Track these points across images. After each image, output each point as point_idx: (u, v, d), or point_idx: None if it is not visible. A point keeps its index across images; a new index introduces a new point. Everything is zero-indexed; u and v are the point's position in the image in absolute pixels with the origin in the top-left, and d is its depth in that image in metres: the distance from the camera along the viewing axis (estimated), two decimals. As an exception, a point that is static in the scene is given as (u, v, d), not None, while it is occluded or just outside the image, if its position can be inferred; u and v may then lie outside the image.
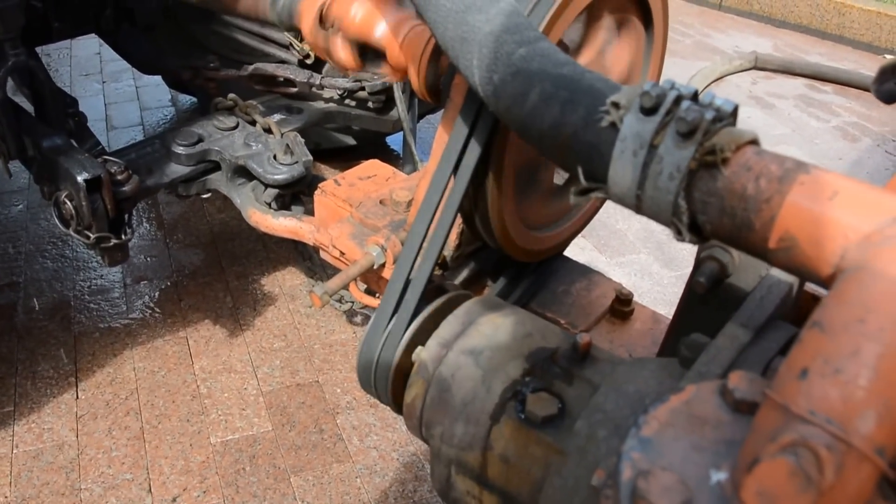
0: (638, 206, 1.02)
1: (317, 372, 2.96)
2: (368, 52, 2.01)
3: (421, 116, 3.69)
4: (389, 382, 1.51)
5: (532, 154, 1.72)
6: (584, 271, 2.08)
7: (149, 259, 3.52)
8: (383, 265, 1.88)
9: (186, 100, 4.90)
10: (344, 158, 4.08)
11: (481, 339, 1.41)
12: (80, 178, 2.13)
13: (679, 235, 1.00)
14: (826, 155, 4.96)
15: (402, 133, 3.55)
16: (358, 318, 3.20)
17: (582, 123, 1.08)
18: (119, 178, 2.24)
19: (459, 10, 1.27)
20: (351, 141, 4.08)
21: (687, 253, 3.88)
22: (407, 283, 1.53)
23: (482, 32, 1.23)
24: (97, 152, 2.40)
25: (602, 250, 3.84)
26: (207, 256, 3.55)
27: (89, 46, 5.59)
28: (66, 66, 5.43)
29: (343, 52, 1.99)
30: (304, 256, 3.04)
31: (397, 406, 1.51)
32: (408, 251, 1.55)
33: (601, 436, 1.16)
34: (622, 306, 1.97)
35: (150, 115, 4.80)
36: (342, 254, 2.04)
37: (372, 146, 4.24)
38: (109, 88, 5.15)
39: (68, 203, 2.20)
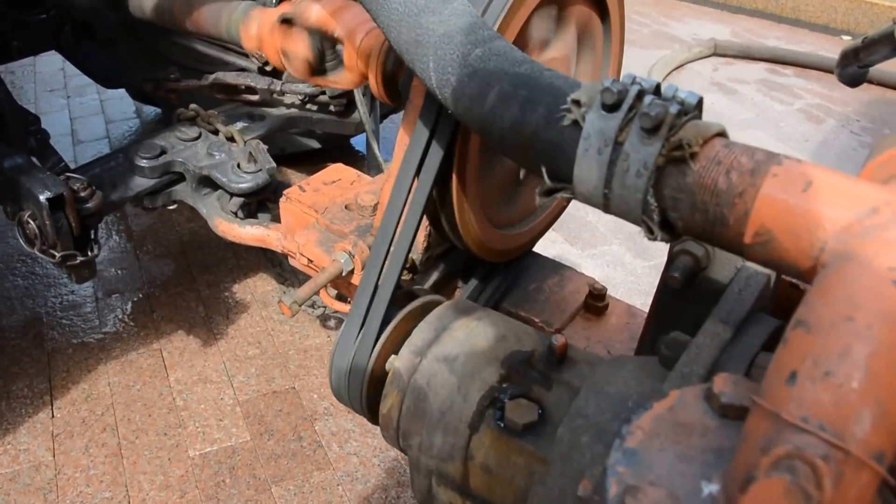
0: (606, 206, 1.01)
1: (292, 378, 2.94)
2: (328, 56, 1.99)
3: (384, 116, 3.68)
4: (363, 393, 1.49)
5: (495, 152, 1.72)
6: (556, 267, 2.07)
7: (119, 272, 3.49)
8: (352, 272, 1.87)
9: (151, 111, 4.86)
10: (310, 162, 4.07)
11: (455, 344, 1.40)
12: (42, 198, 2.10)
13: (650, 234, 0.99)
14: (792, 137, 4.99)
15: (365, 134, 3.54)
16: (332, 323, 3.18)
17: (543, 122, 1.07)
18: (82, 194, 2.21)
19: (412, 13, 1.25)
20: (316, 144, 4.07)
21: (660, 243, 3.88)
22: (375, 289, 1.52)
23: (436, 34, 1.22)
24: (60, 169, 2.37)
25: (573, 242, 3.84)
26: (178, 266, 3.52)
27: (53, 62, 5.53)
28: (31, 82, 5.37)
29: (300, 49, 1.97)
30: (273, 263, 3.03)
31: (373, 416, 1.50)
32: (375, 256, 1.54)
33: (584, 442, 1.14)
34: (596, 301, 1.97)
35: (116, 128, 4.76)
36: (310, 261, 2.02)
37: (337, 148, 4.23)
38: (74, 103, 5.10)
39: (32, 223, 2.17)
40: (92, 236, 2.30)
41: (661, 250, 3.81)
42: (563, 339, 1.30)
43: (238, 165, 2.53)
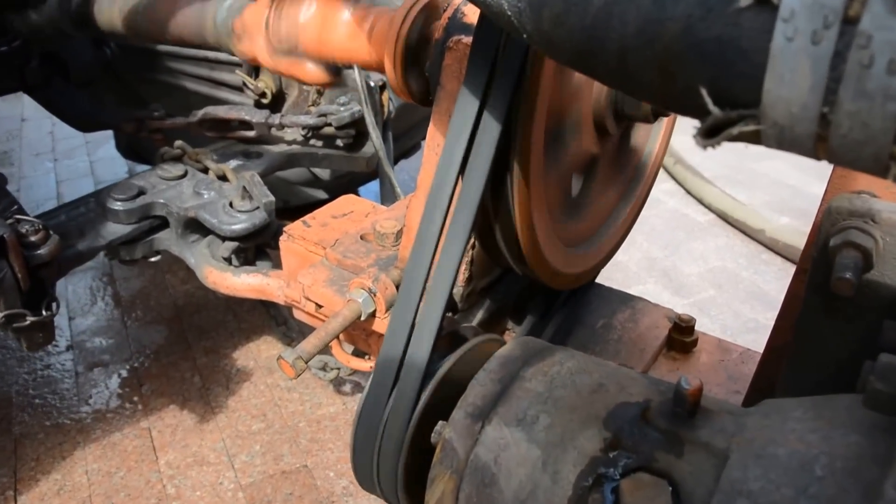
0: (822, 140, 0.59)
1: (304, 455, 2.50)
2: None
3: (396, 160, 3.29)
4: (399, 476, 1.07)
5: (565, 135, 1.32)
6: (625, 298, 1.67)
7: (104, 342, 3.07)
8: (373, 314, 1.45)
9: (144, 170, 4.49)
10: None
11: (532, 401, 0.98)
12: (-24, 242, 1.70)
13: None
14: (808, 166, 4.61)
15: (377, 179, 3.16)
16: (347, 387, 2.76)
17: (698, 13, 0.64)
18: (32, 239, 1.80)
19: None
20: (323, 194, 3.67)
21: (696, 278, 3.48)
22: (411, 331, 1.10)
23: None
24: (10, 213, 1.97)
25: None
26: (171, 333, 3.11)
27: (41, 126, 5.24)
28: (17, 146, 5.04)
29: (309, 73, 1.61)
30: (277, 321, 2.62)
31: (415, 509, 1.08)
32: (407, 291, 1.13)
33: (753, 535, 0.73)
34: (683, 336, 1.57)
35: (105, 189, 4.40)
36: (318, 307, 1.61)
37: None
38: (62, 166, 4.78)
39: (-32, 274, 1.76)
40: (49, 293, 1.89)
41: (699, 286, 3.41)
42: (697, 383, 0.88)
43: (230, 204, 2.14)
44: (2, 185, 2.21)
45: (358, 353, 1.73)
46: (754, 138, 0.64)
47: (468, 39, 1.23)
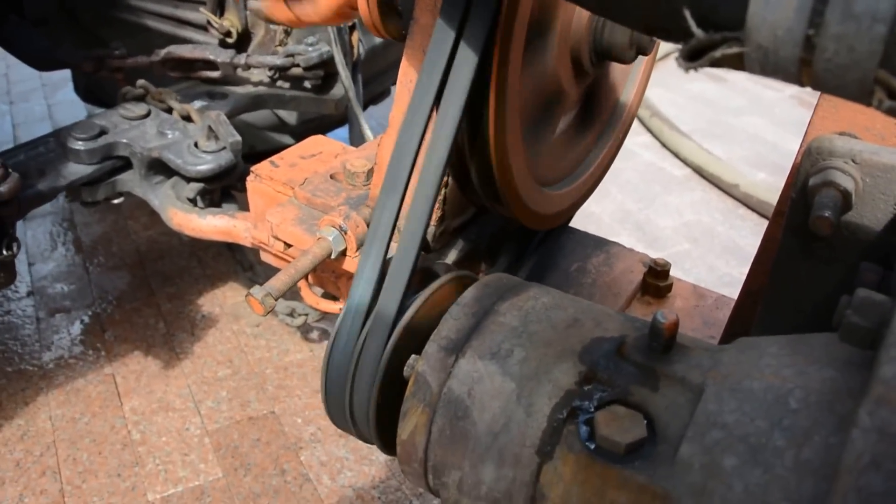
0: (806, 64, 0.56)
1: (271, 401, 2.48)
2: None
3: (365, 106, 3.23)
4: (371, 411, 1.05)
5: (542, 77, 1.29)
6: (599, 243, 1.65)
7: (66, 287, 3.01)
8: (344, 252, 1.41)
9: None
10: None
11: (507, 334, 0.96)
12: (-64, 179, 1.64)
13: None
14: (787, 122, 4.62)
15: (346, 126, 3.11)
16: (315, 334, 2.73)
17: None
18: (-9, 177, 1.75)
19: None
20: (290, 140, 3.60)
21: (671, 231, 3.48)
22: (384, 268, 1.08)
23: None
24: (-34, 153, 1.91)
25: (581, 235, 3.42)
26: (134, 279, 3.05)
27: (-7, 69, 5.10)
28: (-32, 87, 4.91)
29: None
30: (244, 266, 2.58)
31: (387, 444, 1.06)
32: (379, 225, 1.10)
33: (730, 466, 0.72)
34: (658, 280, 1.55)
35: (63, 132, 4.30)
36: (287, 246, 1.57)
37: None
38: (18, 109, 4.65)
39: (-77, 216, 1.71)
40: (9, 232, 1.84)
41: (673, 240, 3.41)
42: (673, 316, 0.87)
43: (195, 144, 2.09)
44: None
45: (328, 297, 1.70)
46: (737, 62, 0.62)
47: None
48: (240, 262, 2.59)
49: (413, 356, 1.00)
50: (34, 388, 2.54)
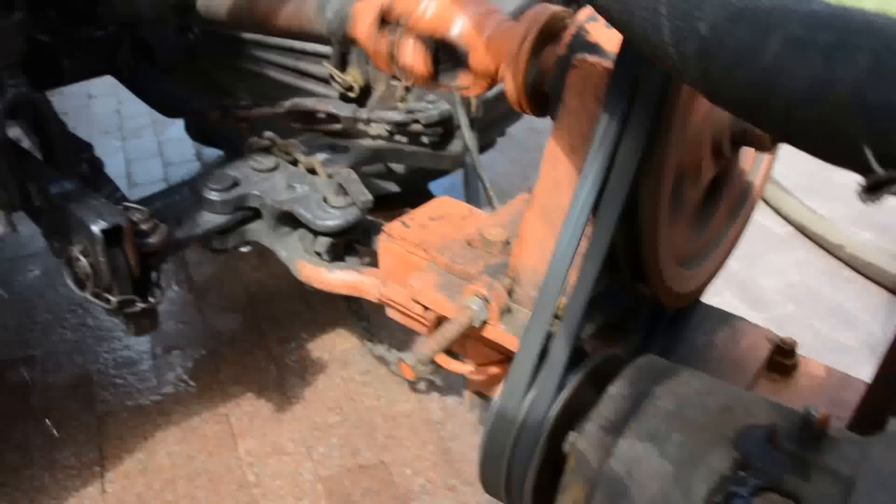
0: None
1: (381, 450, 2.53)
2: (442, 57, 1.61)
3: (481, 149, 3.29)
4: (530, 482, 1.09)
5: (687, 160, 1.32)
6: (725, 317, 1.67)
7: (180, 325, 3.12)
8: (485, 321, 1.46)
9: (212, 153, 4.53)
10: (386, 207, 3.68)
11: (663, 418, 1.00)
12: (95, 228, 1.73)
13: None
14: None
15: (448, 174, 3.17)
16: (422, 385, 2.77)
17: (867, 77, 0.66)
18: (143, 227, 1.84)
19: None
20: (394, 187, 3.68)
21: (774, 292, 3.45)
22: (546, 344, 1.12)
23: None
24: (116, 199, 2.00)
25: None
26: (245, 320, 3.14)
27: (108, 104, 5.28)
28: (85, 123, 5.09)
29: (412, 55, 1.60)
30: (359, 316, 2.63)
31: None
32: (542, 307, 1.14)
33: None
34: (785, 358, 1.56)
35: (175, 170, 4.46)
36: (426, 309, 1.62)
37: (416, 192, 3.86)
38: (130, 145, 4.81)
39: (83, 260, 1.80)
40: (154, 280, 1.93)
41: (776, 301, 3.38)
42: (825, 412, 0.90)
43: (325, 199, 2.15)
44: (100, 167, 2.25)
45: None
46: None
47: (593, 59, 1.23)
48: (355, 313, 2.66)
49: (572, 433, 1.04)
50: (153, 424, 2.63)
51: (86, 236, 1.76)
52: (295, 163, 2.37)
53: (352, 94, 2.76)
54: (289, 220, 2.22)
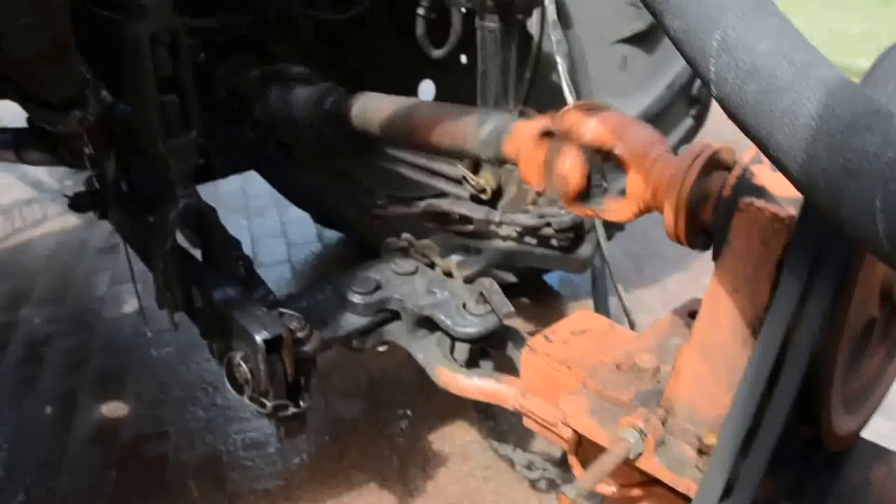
0: None
1: (504, 550, 2.56)
2: (595, 180, 1.68)
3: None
4: None
5: (860, 307, 1.36)
6: (881, 453, 1.66)
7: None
8: (640, 454, 1.50)
9: (333, 235, 4.68)
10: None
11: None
12: (258, 338, 1.84)
13: None
14: None
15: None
16: (542, 484, 2.80)
17: None
18: (300, 335, 1.94)
19: (835, 130, 0.90)
20: (512, 278, 3.75)
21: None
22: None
23: (883, 159, 0.86)
24: (270, 302, 2.11)
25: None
26: (368, 407, 3.23)
27: (233, 182, 5.48)
28: (212, 201, 5.29)
29: (571, 165, 1.66)
30: (487, 416, 2.68)
31: None
32: (724, 448, 1.19)
33: None
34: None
35: (297, 251, 4.61)
36: (577, 434, 1.67)
37: (531, 283, 3.93)
38: (255, 224, 5.00)
39: (243, 365, 1.90)
40: (304, 384, 2.02)
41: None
42: None
43: (464, 305, 2.23)
44: (251, 267, 2.36)
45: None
46: None
47: (760, 203, 1.28)
48: (483, 412, 2.71)
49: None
50: (281, 509, 2.72)
51: (247, 344, 1.87)
52: (432, 265, 2.45)
53: (483, 197, 2.85)
54: (427, 323, 2.29)
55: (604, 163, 1.65)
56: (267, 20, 2.62)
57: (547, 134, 1.70)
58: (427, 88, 3.99)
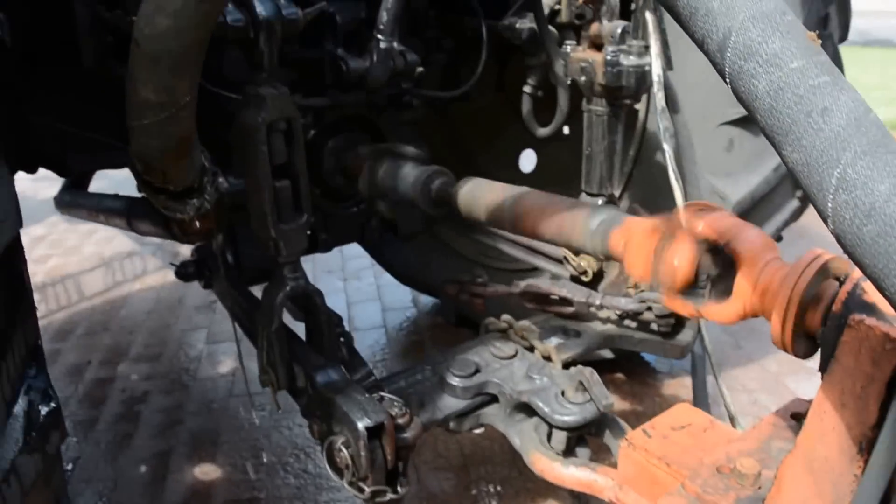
0: None
1: None
2: (701, 282, 1.67)
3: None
4: None
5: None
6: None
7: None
8: (742, 565, 1.47)
9: (428, 301, 4.71)
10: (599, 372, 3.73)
11: None
12: (360, 426, 1.86)
13: None
14: None
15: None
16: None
17: None
18: (400, 422, 1.96)
19: None
20: (608, 354, 3.72)
21: None
22: None
23: None
24: (371, 384, 2.14)
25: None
26: (459, 482, 3.22)
27: (331, 243, 5.59)
28: (309, 262, 5.40)
29: (680, 256, 1.64)
30: (581, 500, 2.65)
31: None
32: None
33: None
34: None
35: (392, 316, 4.65)
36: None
37: (627, 359, 3.89)
38: (351, 286, 5.08)
39: (344, 451, 1.92)
40: (401, 470, 2.03)
41: None
42: None
43: (563, 393, 2.22)
44: (352, 345, 2.40)
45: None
46: None
47: (871, 321, 1.26)
48: (576, 496, 2.68)
49: None
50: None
51: (349, 430, 1.89)
52: (531, 348, 2.45)
53: (584, 279, 2.85)
54: (524, 408, 2.29)
55: (712, 261, 1.64)
56: (377, 99, 2.67)
57: (658, 228, 1.70)
58: (528, 156, 4.04)
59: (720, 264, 1.64)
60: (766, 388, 3.77)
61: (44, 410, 1.56)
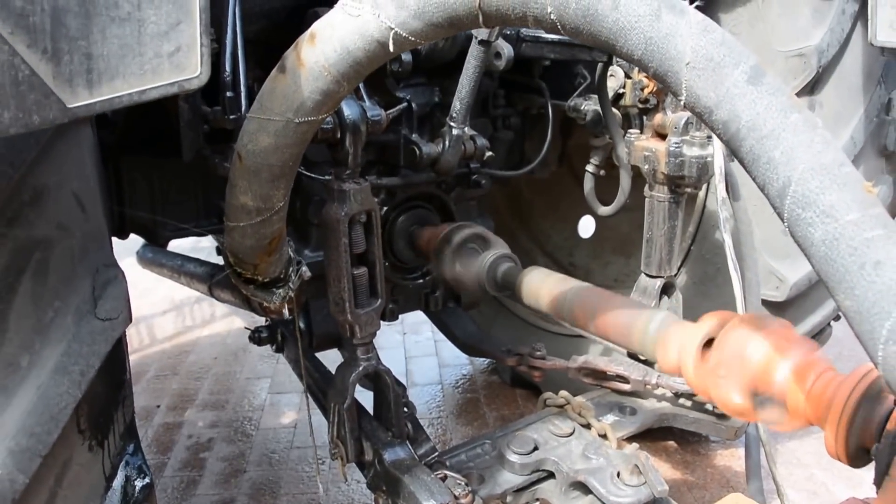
0: None
1: None
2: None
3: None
4: None
5: None
6: None
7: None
8: None
9: (483, 361, 4.80)
10: (647, 437, 3.78)
11: None
12: (425, 505, 1.97)
13: None
14: None
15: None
16: None
17: None
18: (463, 502, 2.06)
19: None
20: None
21: None
22: None
23: None
24: (433, 461, 2.24)
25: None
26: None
27: (389, 295, 5.71)
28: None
29: (727, 394, 1.72)
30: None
31: None
32: None
33: None
34: None
35: (449, 373, 4.75)
36: None
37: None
38: (410, 341, 5.18)
39: (410, 528, 2.03)
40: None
41: None
42: None
43: (618, 474, 2.30)
44: (416, 419, 2.50)
45: None
46: None
47: (924, 444, 1.33)
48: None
49: None
50: None
51: (414, 508, 2.00)
52: (588, 425, 2.54)
53: (641, 357, 2.92)
54: (580, 486, 2.37)
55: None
56: (447, 178, 2.79)
57: (709, 343, 1.74)
58: (587, 222, 4.16)
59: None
60: (821, 464, 3.78)
61: (139, 485, 1.69)
